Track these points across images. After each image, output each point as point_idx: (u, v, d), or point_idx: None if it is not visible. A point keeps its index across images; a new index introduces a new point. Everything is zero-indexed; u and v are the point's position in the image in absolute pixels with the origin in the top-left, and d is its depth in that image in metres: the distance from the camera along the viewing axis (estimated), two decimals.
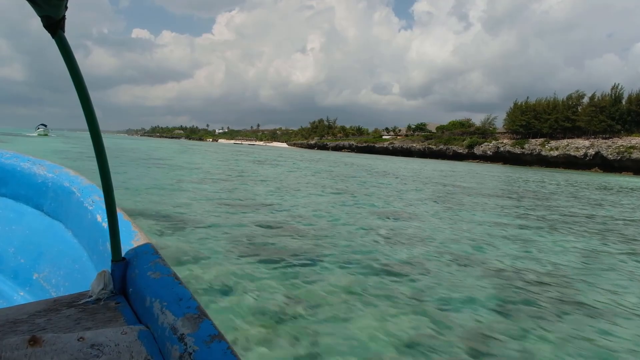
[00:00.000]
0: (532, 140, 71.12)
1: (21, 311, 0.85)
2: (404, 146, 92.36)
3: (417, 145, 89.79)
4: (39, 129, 56.01)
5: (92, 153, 0.89)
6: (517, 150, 71.13)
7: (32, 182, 1.64)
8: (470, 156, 79.34)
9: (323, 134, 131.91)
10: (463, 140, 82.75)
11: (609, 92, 65.61)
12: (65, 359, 0.63)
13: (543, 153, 67.36)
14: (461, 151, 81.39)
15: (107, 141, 0.97)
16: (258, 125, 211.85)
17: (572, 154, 63.19)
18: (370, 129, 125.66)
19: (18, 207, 1.68)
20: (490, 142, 77.46)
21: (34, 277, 1.50)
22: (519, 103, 78.38)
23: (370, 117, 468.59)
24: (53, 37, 0.79)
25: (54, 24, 0.78)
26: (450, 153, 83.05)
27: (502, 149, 73.87)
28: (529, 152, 69.50)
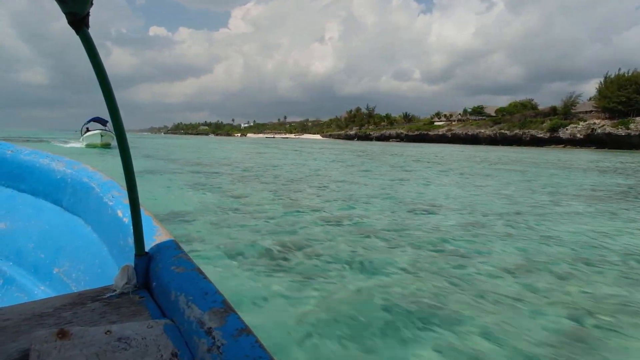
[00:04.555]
0: (638, 118, 59.75)
1: (47, 305, 0.85)
2: (469, 132, 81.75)
3: (485, 131, 79.13)
4: (87, 130, 25.58)
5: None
6: (621, 132, 59.95)
7: (51, 178, 1.62)
8: (553, 141, 68.44)
9: (363, 124, 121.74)
10: (542, 123, 71.76)
11: None
12: (93, 351, 0.63)
13: None
14: (541, 135, 70.55)
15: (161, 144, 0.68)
16: (285, 117, 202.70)
17: None
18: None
19: (37, 203, 1.67)
20: (578, 124, 66.38)
21: (55, 272, 1.49)
22: (612, 76, 66.88)
23: (391, 103, 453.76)
24: (77, 33, 0.78)
25: (79, 21, 0.76)
26: (528, 138, 72.29)
27: (598, 130, 62.74)
28: (637, 133, 58.28)
